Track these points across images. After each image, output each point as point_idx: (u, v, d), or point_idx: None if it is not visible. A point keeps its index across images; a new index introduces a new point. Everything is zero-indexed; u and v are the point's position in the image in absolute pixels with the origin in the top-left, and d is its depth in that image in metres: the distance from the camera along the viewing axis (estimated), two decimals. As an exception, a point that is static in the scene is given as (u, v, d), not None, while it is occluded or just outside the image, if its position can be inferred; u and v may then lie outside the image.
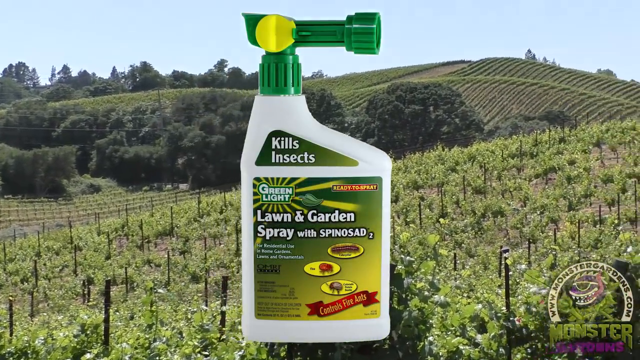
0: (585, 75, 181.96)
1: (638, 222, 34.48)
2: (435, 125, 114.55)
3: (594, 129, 54.60)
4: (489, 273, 23.58)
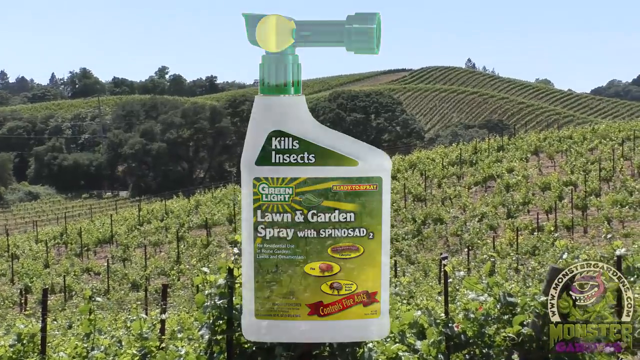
0: (524, 84, 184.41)
1: (574, 229, 35.01)
2: (376, 133, 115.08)
3: (532, 137, 55.35)
4: (429, 280, 23.73)
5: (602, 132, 54.15)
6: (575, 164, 44.99)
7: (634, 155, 45.86)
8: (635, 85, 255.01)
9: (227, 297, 6.41)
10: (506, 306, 8.22)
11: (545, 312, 8.05)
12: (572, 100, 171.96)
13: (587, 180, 40.09)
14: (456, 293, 13.98)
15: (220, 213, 43.91)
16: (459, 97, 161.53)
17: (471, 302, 8.25)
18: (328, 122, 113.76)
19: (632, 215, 34.93)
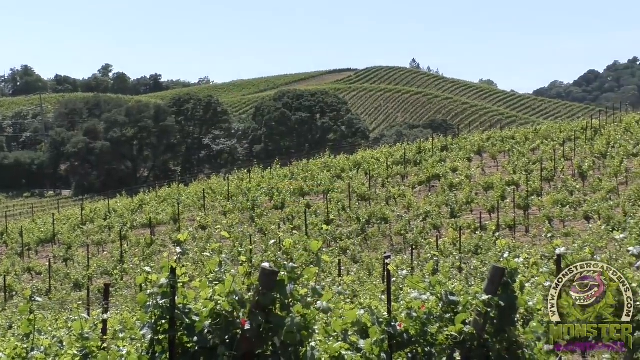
0: (468, 85, 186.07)
1: (516, 229, 35.41)
2: (321, 132, 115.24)
3: (475, 137, 55.88)
4: (374, 279, 23.82)
5: (543, 132, 54.83)
6: (517, 164, 45.51)
7: (574, 155, 46.52)
8: (576, 87, 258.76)
9: (169, 296, 6.36)
10: (448, 305, 8.27)
11: (487, 311, 8.12)
12: (515, 101, 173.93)
13: (529, 180, 40.58)
14: (400, 292, 14.06)
15: (165, 212, 43.63)
16: (404, 97, 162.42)
17: (414, 301, 8.28)
18: (273, 122, 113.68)
19: (573, 214, 35.43)
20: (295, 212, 40.07)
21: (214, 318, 6.37)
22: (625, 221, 31.84)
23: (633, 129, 50.71)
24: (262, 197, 44.34)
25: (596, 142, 48.69)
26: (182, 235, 6.89)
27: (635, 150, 44.77)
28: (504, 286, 8.31)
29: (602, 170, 42.64)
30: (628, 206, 34.65)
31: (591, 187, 39.75)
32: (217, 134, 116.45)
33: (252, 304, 6.39)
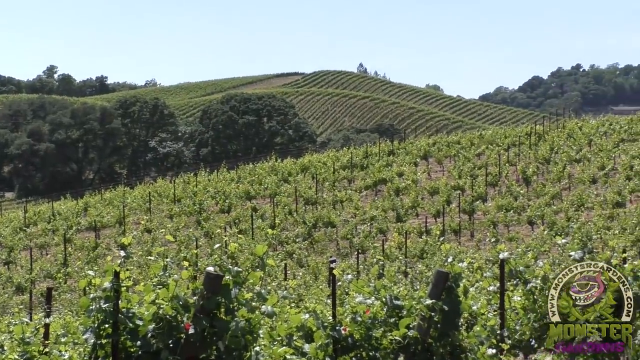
0: (415, 89, 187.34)
1: (462, 233, 35.71)
2: (268, 136, 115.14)
3: (421, 142, 56.26)
4: (319, 283, 23.86)
5: (489, 138, 55.36)
6: (463, 168, 45.89)
7: (519, 161, 47.04)
8: (521, 92, 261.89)
9: (112, 300, 6.32)
10: (393, 309, 8.31)
11: (430, 315, 8.18)
12: (461, 106, 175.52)
13: (474, 185, 40.95)
14: (345, 296, 14.10)
15: (110, 215, 43.24)
16: (351, 101, 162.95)
17: (359, 305, 8.32)
18: (220, 125, 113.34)
19: (517, 219, 35.84)
20: (241, 216, 39.97)
21: (157, 322, 6.33)
22: (568, 226, 32.30)
23: (576, 135, 51.43)
24: (208, 201, 44.16)
25: (540, 147, 49.29)
26: (127, 238, 6.85)
27: (578, 156, 45.41)
28: (448, 290, 8.38)
29: (546, 176, 43.19)
30: (571, 211, 35.14)
31: (535, 192, 40.23)
32: (164, 137, 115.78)
33: (197, 308, 6.37)
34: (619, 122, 54.92)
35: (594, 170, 41.85)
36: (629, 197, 37.19)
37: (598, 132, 51.70)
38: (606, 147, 46.66)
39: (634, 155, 42.89)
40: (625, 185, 38.16)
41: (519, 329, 9.34)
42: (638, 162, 41.41)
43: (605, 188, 39.14)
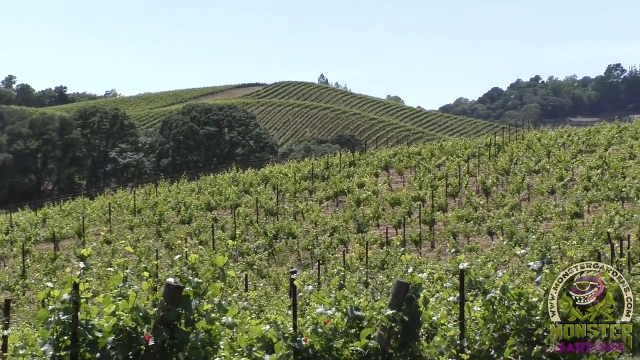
0: (375, 101, 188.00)
1: (422, 244, 35.85)
2: (230, 147, 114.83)
3: (382, 153, 56.45)
4: (280, 294, 23.83)
5: (449, 149, 55.68)
6: (423, 179, 46.10)
7: (478, 171, 47.37)
8: (481, 104, 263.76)
9: (71, 312, 6.28)
10: (353, 320, 8.33)
11: (391, 326, 8.21)
12: (421, 117, 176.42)
13: (434, 196, 41.16)
14: (306, 307, 14.09)
15: (69, 226, 42.89)
16: (312, 112, 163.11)
17: (319, 316, 8.33)
18: (181, 136, 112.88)
19: (477, 230, 36.06)
20: (202, 227, 39.84)
21: (117, 334, 6.30)
22: (527, 236, 32.57)
23: (535, 146, 51.89)
24: (169, 212, 43.99)
25: (499, 158, 49.66)
26: (86, 250, 6.82)
27: (536, 167, 45.80)
28: (408, 301, 8.41)
29: (505, 187, 43.50)
30: (530, 222, 35.42)
31: (494, 203, 40.52)
32: (124, 148, 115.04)
33: (157, 320, 6.35)
34: (577, 133, 55.49)
35: (553, 181, 42.23)
36: (587, 208, 37.58)
37: (556, 144, 52.19)
38: (564, 158, 47.11)
39: (591, 166, 43.35)
40: (583, 196, 38.55)
41: (478, 339, 9.39)
42: (596, 173, 41.87)
43: (563, 199, 39.51)
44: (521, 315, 8.95)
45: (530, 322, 8.86)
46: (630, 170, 41.64)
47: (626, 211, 34.55)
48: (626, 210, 34.72)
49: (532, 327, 8.78)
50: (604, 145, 49.09)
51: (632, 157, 44.90)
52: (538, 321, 8.78)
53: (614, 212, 34.06)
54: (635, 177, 39.48)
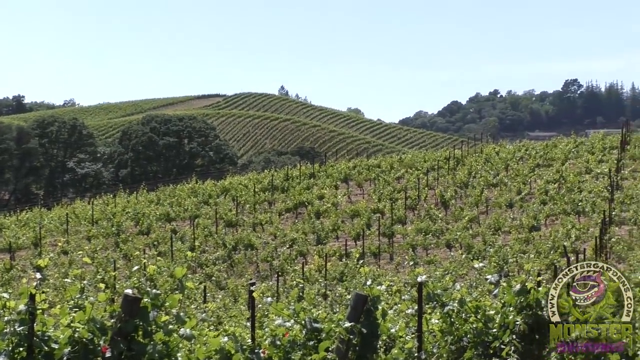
0: (336, 113, 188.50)
1: (381, 256, 35.94)
2: (189, 158, 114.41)
3: (342, 165, 56.54)
4: (239, 305, 23.76)
5: (408, 161, 55.91)
6: (383, 192, 46.24)
7: (437, 184, 47.62)
8: (440, 117, 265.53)
9: (27, 323, 6.22)
10: (312, 332, 8.34)
11: (349, 338, 8.22)
12: (381, 130, 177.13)
13: (393, 209, 41.28)
14: (265, 319, 14.07)
15: (25, 237, 42.44)
16: (272, 123, 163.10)
17: (278, 328, 8.33)
18: (140, 146, 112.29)
19: (435, 243, 36.22)
20: (161, 238, 39.63)
21: (73, 345, 6.25)
22: (485, 250, 32.79)
23: (493, 160, 52.29)
24: (127, 222, 43.70)
25: (458, 172, 49.96)
26: (43, 260, 6.77)
27: (495, 181, 46.15)
28: (367, 313, 8.43)
29: (464, 200, 43.76)
30: (488, 235, 35.65)
31: (453, 216, 40.73)
32: (82, 158, 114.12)
33: (114, 331, 6.31)
34: (534, 147, 55.99)
35: (511, 195, 42.56)
36: (544, 221, 37.91)
37: (514, 157, 52.63)
38: (522, 172, 47.52)
39: (548, 180, 43.77)
40: (541, 209, 38.91)
41: (436, 351, 9.44)
42: (553, 187, 42.28)
43: (521, 212, 39.82)
44: (478, 328, 9.00)
45: (487, 335, 8.92)
46: (586, 184, 42.10)
47: (582, 225, 34.91)
48: (582, 224, 35.09)
49: (489, 340, 8.84)
50: (561, 160, 49.59)
51: (588, 172, 45.39)
52: (495, 334, 8.84)
53: (570, 226, 34.42)
54: (591, 192, 39.93)
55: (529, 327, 8.70)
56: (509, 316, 8.80)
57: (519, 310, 8.78)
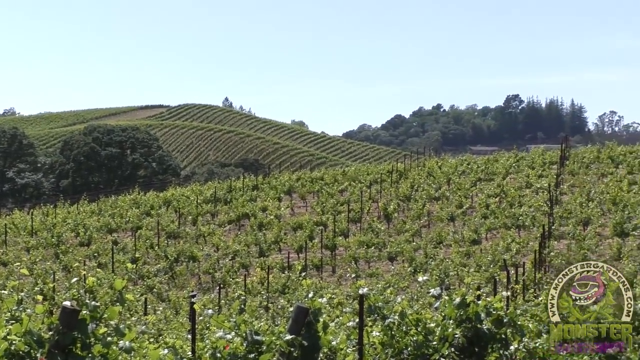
0: (280, 125, 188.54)
1: (324, 269, 35.99)
2: (132, 168, 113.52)
3: (285, 177, 56.57)
4: (180, 318, 23.62)
5: (352, 174, 56.11)
6: (326, 204, 46.35)
7: (380, 197, 47.86)
8: (384, 130, 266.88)
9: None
10: (253, 344, 8.31)
11: (290, 350, 8.21)
12: (325, 143, 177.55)
13: (336, 221, 41.39)
14: (206, 331, 14.00)
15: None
16: (216, 135, 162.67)
17: (219, 340, 8.29)
18: (82, 156, 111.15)
19: (378, 255, 36.38)
20: (101, 249, 39.24)
21: (9, 358, 6.16)
22: (427, 263, 33.03)
23: (435, 174, 52.72)
24: (67, 233, 43.23)
25: (401, 185, 50.28)
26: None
27: (437, 194, 46.53)
28: (308, 326, 8.43)
29: (406, 213, 44.05)
30: (430, 248, 35.92)
31: (396, 229, 40.98)
32: (22, 167, 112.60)
33: (51, 344, 6.23)
34: (476, 161, 56.60)
35: (453, 209, 42.94)
36: (485, 235, 38.32)
37: (457, 171, 53.13)
38: (464, 185, 47.99)
39: (489, 194, 44.26)
40: (482, 223, 39.32)
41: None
42: (493, 201, 42.76)
43: (462, 226, 40.21)
44: (419, 341, 9.06)
45: (427, 348, 8.97)
46: (526, 198, 42.64)
47: (522, 239, 35.36)
48: (522, 238, 35.53)
49: (429, 353, 8.90)
50: (502, 174, 50.19)
51: (529, 186, 45.98)
52: (435, 346, 8.90)
53: (510, 240, 34.83)
54: (531, 206, 40.45)
55: (468, 340, 8.78)
56: (448, 329, 8.87)
57: (459, 323, 8.86)
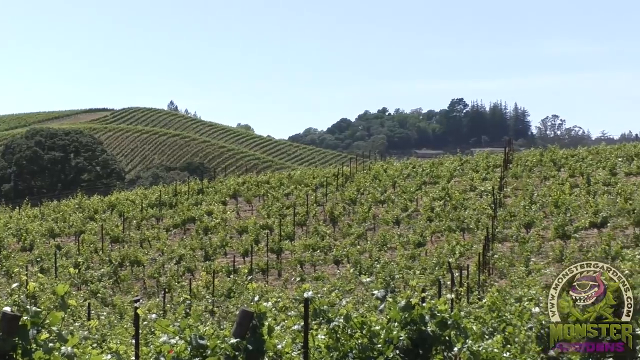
0: (225, 129, 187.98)
1: (269, 272, 35.96)
2: (75, 172, 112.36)
3: (231, 181, 56.37)
4: (125, 323, 23.42)
5: (297, 178, 56.12)
6: (271, 208, 46.30)
7: (326, 201, 47.93)
8: (330, 134, 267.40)
9: None
10: (197, 349, 8.27)
11: (235, 354, 8.19)
12: (271, 146, 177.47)
13: (282, 225, 41.36)
14: (151, 336, 13.91)
15: None
16: (161, 139, 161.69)
17: (163, 345, 8.24)
18: (24, 160, 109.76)
19: (323, 259, 36.45)
20: (44, 254, 38.77)
21: (-53, 366, 6.07)
22: (372, 265, 33.16)
23: (381, 177, 52.93)
24: (9, 238, 42.63)
25: (347, 188, 50.41)
26: None
27: (382, 197, 46.71)
28: (253, 330, 8.41)
29: (352, 216, 44.16)
30: (375, 251, 36.07)
31: (341, 232, 41.07)
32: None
33: (-9, 350, 6.15)
34: (421, 165, 56.94)
35: (398, 212, 43.15)
36: (430, 238, 38.57)
37: (402, 175, 53.40)
38: (409, 189, 48.24)
39: (434, 197, 44.56)
40: (427, 226, 39.59)
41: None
42: (438, 204, 43.05)
43: (407, 229, 40.43)
44: (364, 344, 9.08)
45: (372, 350, 9.00)
46: (470, 201, 43.03)
47: (466, 242, 35.67)
48: (467, 241, 35.85)
49: (374, 355, 8.93)
50: (446, 177, 50.56)
51: (473, 189, 46.40)
52: (380, 349, 8.93)
53: (455, 242, 35.12)
54: (475, 209, 40.82)
55: (413, 343, 8.83)
56: (393, 331, 8.91)
57: (403, 325, 8.90)
